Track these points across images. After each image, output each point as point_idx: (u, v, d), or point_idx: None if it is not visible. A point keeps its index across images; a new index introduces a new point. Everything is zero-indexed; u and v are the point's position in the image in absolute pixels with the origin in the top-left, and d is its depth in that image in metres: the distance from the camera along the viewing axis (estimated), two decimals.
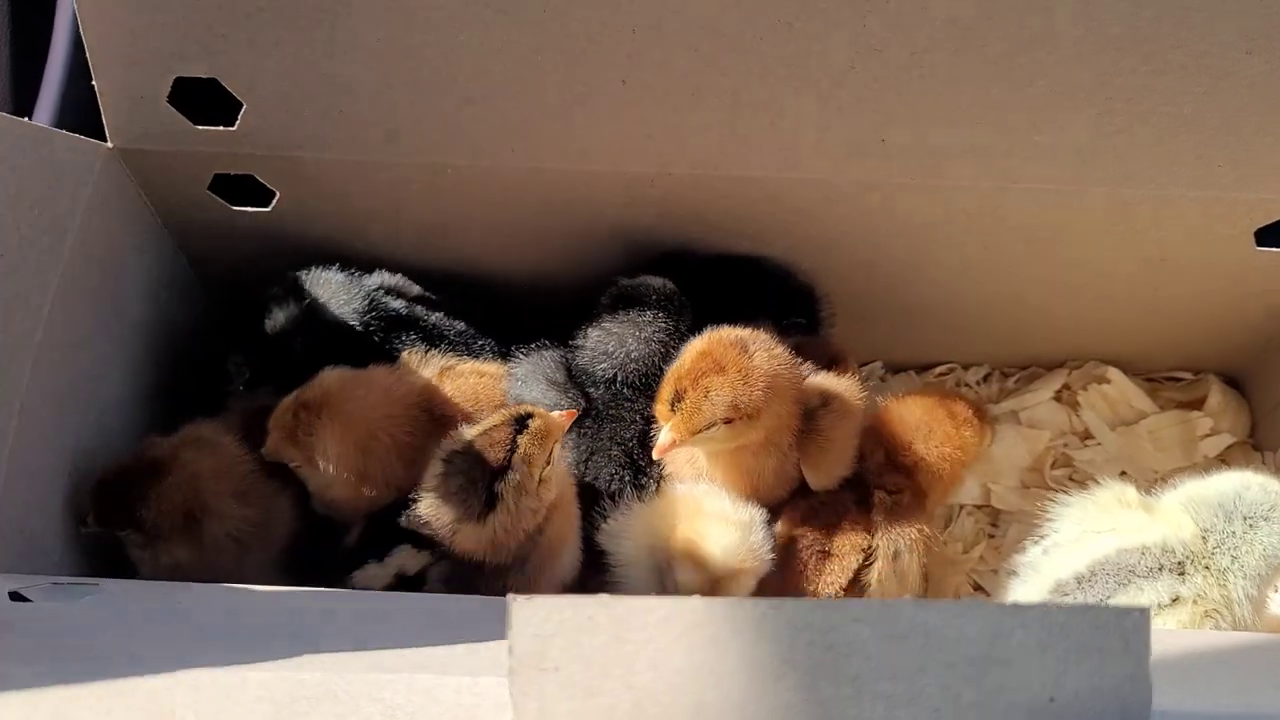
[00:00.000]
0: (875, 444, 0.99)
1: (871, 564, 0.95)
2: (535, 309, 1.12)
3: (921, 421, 0.99)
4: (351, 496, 0.94)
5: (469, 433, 0.88)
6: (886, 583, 0.95)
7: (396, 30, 0.87)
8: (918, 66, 0.88)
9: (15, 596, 0.73)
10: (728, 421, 0.88)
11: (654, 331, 0.98)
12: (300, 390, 0.94)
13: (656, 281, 1.01)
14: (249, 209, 1.04)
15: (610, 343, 0.99)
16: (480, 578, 0.90)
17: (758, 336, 0.91)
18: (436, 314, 1.05)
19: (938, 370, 1.24)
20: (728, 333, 0.91)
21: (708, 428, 0.89)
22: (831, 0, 0.84)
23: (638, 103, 0.92)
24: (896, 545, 0.95)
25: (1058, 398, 1.21)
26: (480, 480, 0.85)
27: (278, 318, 0.99)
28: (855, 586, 0.95)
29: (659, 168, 0.98)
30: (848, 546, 0.95)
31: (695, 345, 0.92)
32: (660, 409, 0.91)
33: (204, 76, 0.91)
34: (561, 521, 0.93)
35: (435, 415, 0.96)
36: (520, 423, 0.87)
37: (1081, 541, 0.92)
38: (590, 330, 1.00)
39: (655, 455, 0.91)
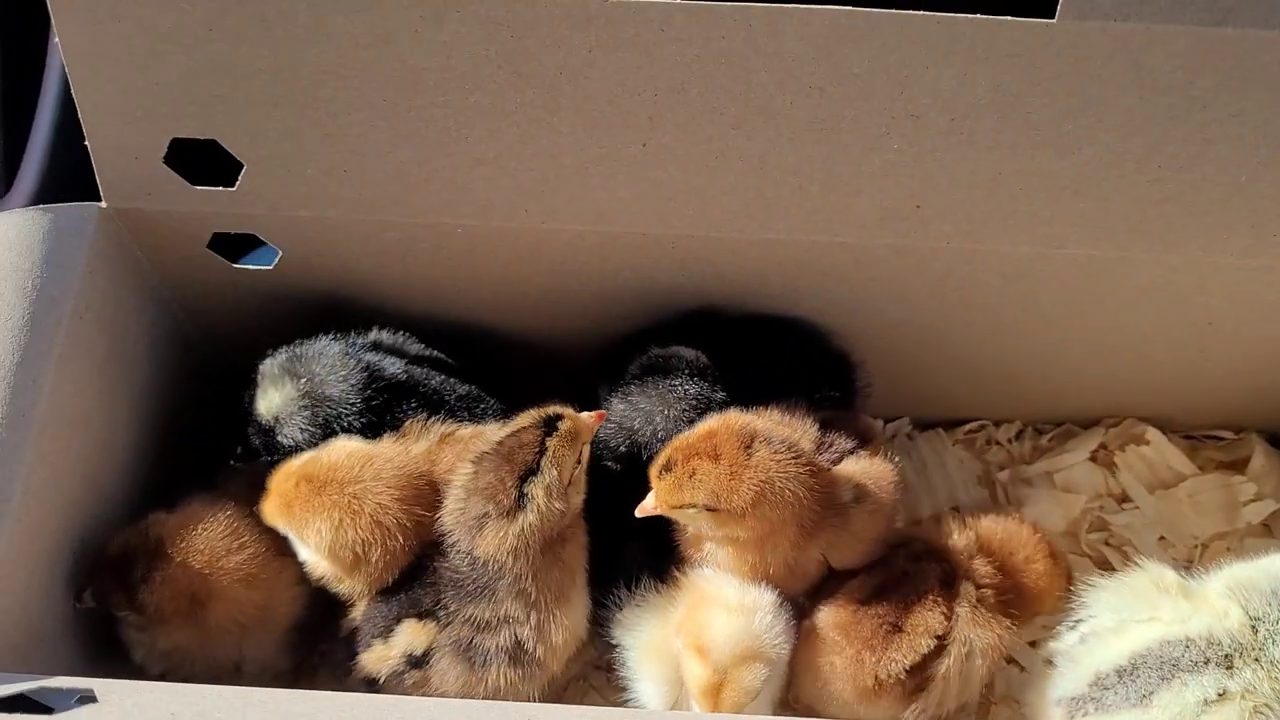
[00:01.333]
0: (973, 538, 0.96)
1: (944, 654, 0.90)
2: (547, 368, 1.07)
3: (1024, 541, 0.97)
4: (345, 577, 0.89)
5: (498, 434, 0.87)
6: (953, 681, 0.91)
7: (403, 91, 0.83)
8: (957, 133, 0.83)
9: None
10: (711, 510, 0.84)
11: (684, 409, 0.93)
12: (308, 461, 0.90)
13: (689, 353, 0.96)
14: (251, 267, 1.00)
15: (636, 418, 0.94)
16: (489, 634, 0.86)
17: (773, 434, 0.86)
18: (438, 376, 1.00)
19: (967, 428, 1.19)
20: (742, 422, 0.87)
21: (687, 507, 0.85)
22: (866, 67, 0.79)
23: (659, 165, 0.87)
24: (972, 644, 0.90)
25: (1093, 458, 1.16)
26: (510, 478, 0.84)
27: (273, 399, 0.94)
28: (920, 674, 0.90)
29: (680, 230, 0.93)
30: (922, 627, 0.90)
31: (710, 421, 0.88)
32: (651, 471, 0.88)
33: (201, 138, 0.86)
34: (575, 551, 0.90)
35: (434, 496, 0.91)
36: (549, 424, 0.86)
37: (1121, 631, 0.87)
38: (615, 402, 0.96)
39: (636, 514, 0.88)
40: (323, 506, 0.86)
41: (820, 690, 0.93)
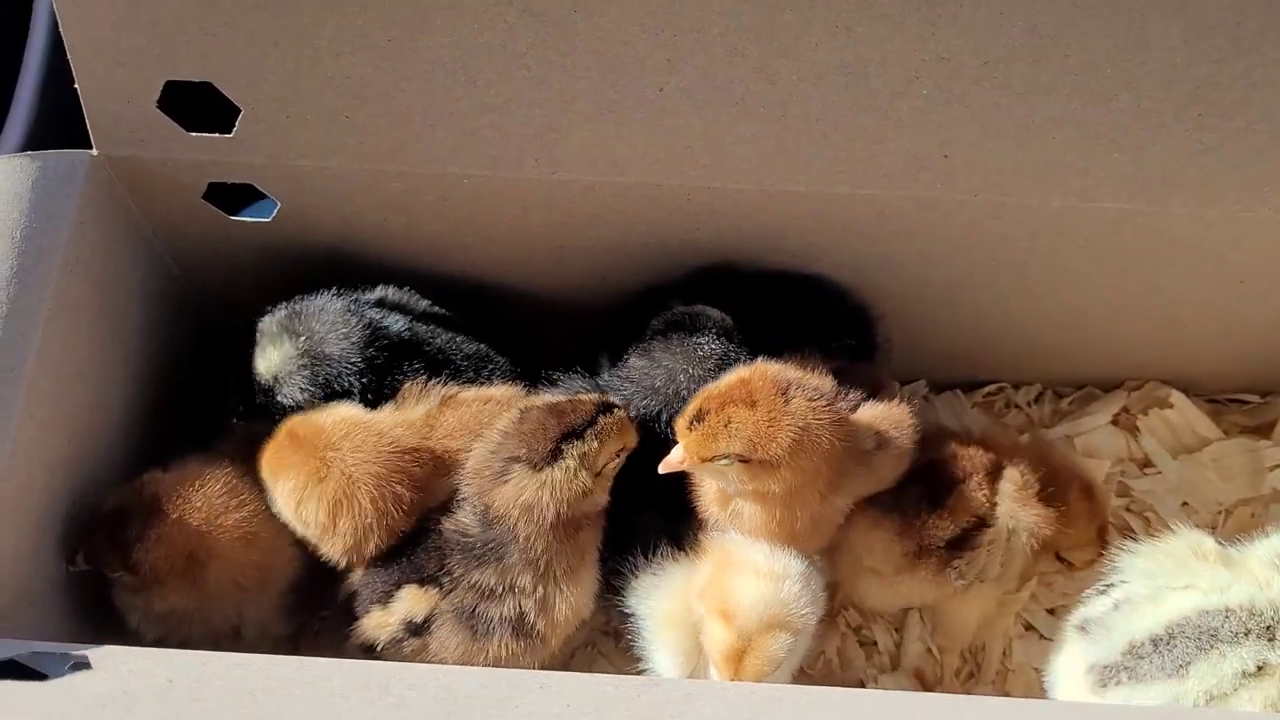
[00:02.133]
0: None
1: (985, 529, 0.91)
2: (555, 324, 1.04)
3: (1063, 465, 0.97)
4: (316, 542, 0.86)
5: (545, 398, 0.86)
6: (995, 553, 0.91)
7: (409, 30, 0.79)
8: (990, 78, 0.79)
9: None
10: (744, 461, 0.81)
11: (708, 370, 0.90)
12: (303, 418, 0.86)
13: (715, 313, 0.92)
14: (247, 219, 0.96)
15: (658, 376, 0.90)
16: (493, 602, 0.84)
17: (806, 382, 0.83)
18: (444, 334, 0.96)
19: (986, 390, 1.16)
20: (775, 370, 0.83)
21: (720, 458, 0.82)
22: (897, 4, 0.75)
23: (675, 112, 0.83)
24: (1018, 520, 0.91)
25: (1115, 421, 1.13)
26: (554, 430, 0.82)
27: (272, 358, 0.91)
28: (960, 548, 0.91)
29: (696, 181, 0.89)
30: (964, 503, 0.91)
31: (739, 371, 0.85)
32: (679, 424, 0.84)
33: (197, 80, 0.82)
34: (589, 535, 0.87)
35: (436, 461, 0.88)
36: (607, 407, 0.84)
37: (1156, 599, 0.84)
38: (634, 359, 0.92)
39: (660, 469, 0.85)
40: (293, 465, 0.84)
41: (858, 562, 0.93)
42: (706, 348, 0.91)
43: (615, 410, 0.84)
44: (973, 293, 1.02)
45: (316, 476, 0.83)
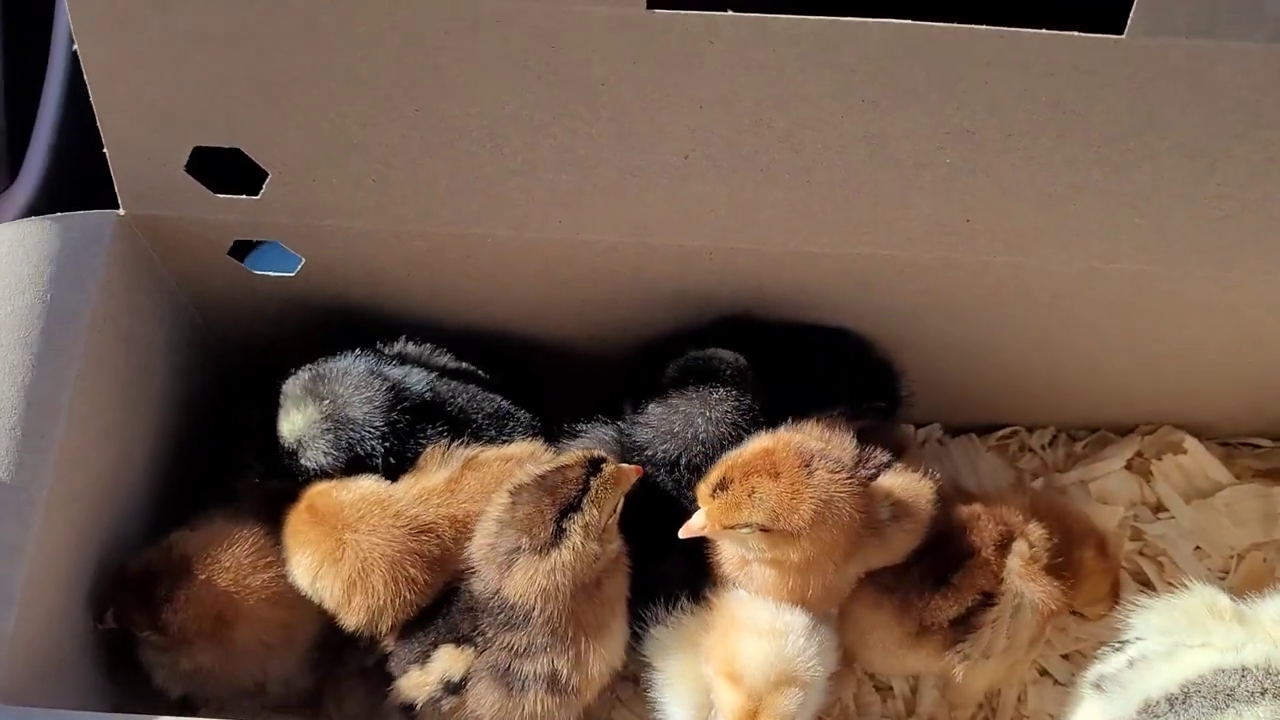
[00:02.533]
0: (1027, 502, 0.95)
1: (992, 606, 0.90)
2: (575, 377, 1.04)
3: (1076, 520, 0.96)
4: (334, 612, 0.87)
5: (538, 468, 0.85)
6: (999, 631, 0.91)
7: (436, 99, 0.79)
8: (1013, 149, 0.80)
9: None
10: (764, 530, 0.82)
11: (725, 411, 0.90)
12: (325, 490, 0.88)
13: (729, 355, 0.93)
14: (272, 274, 0.96)
15: (676, 420, 0.91)
16: (526, 660, 0.85)
17: (828, 453, 0.84)
18: (466, 392, 0.97)
19: (1000, 434, 1.16)
20: (799, 440, 0.84)
21: (741, 527, 0.83)
22: (923, 81, 0.76)
23: (700, 177, 0.84)
24: (1023, 598, 0.91)
25: (1129, 466, 1.13)
26: (550, 512, 0.81)
27: (295, 421, 0.91)
28: (965, 624, 0.90)
29: (719, 242, 0.90)
30: (970, 580, 0.90)
31: (763, 440, 0.86)
32: (702, 490, 0.85)
33: (226, 146, 0.83)
34: (615, 585, 0.87)
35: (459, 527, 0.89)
36: (594, 466, 0.84)
37: (1172, 657, 0.85)
38: (653, 406, 0.93)
39: (681, 534, 0.85)
40: (310, 541, 0.86)
41: (864, 635, 0.93)
42: (722, 390, 0.92)
43: (604, 465, 0.83)
44: (992, 344, 1.02)
45: (332, 556, 0.85)
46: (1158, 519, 1.11)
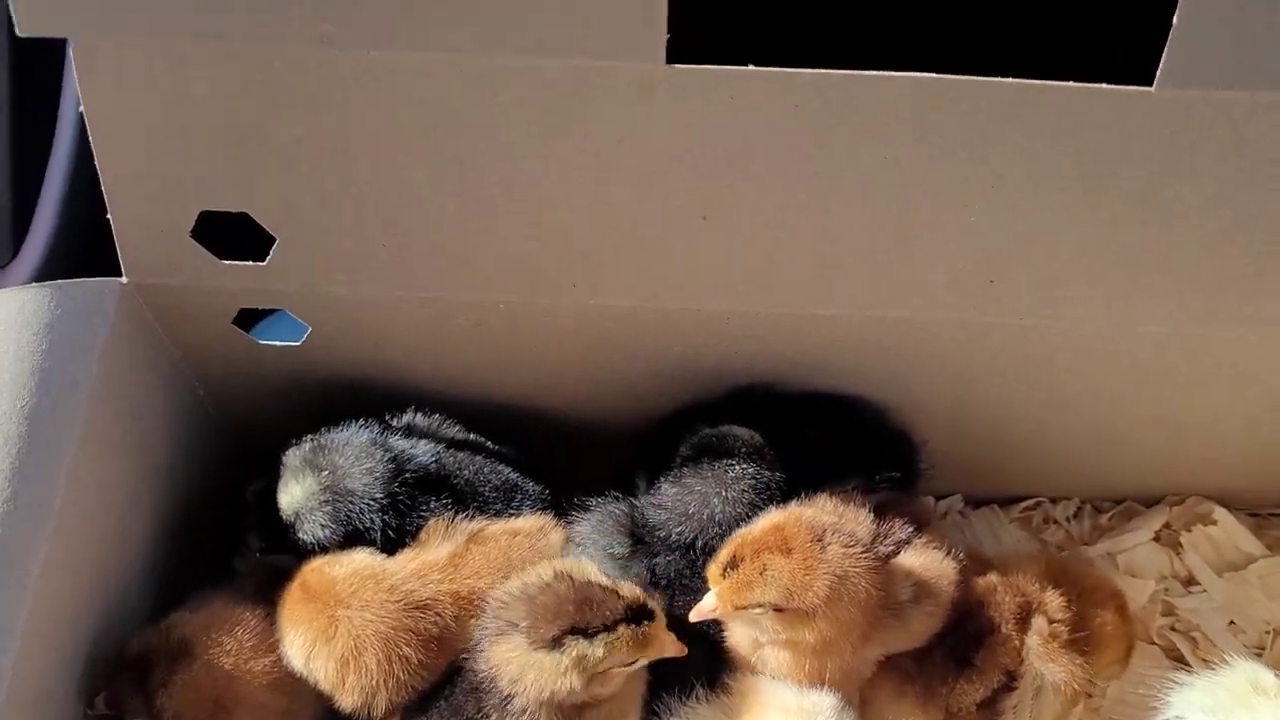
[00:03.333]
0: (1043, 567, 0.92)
1: (1014, 690, 0.87)
2: (589, 444, 1.02)
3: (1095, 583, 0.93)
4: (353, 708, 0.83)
5: (597, 574, 0.80)
6: (1022, 716, 0.88)
7: (450, 162, 0.78)
8: (1040, 205, 0.78)
9: None
10: (778, 610, 0.78)
11: (741, 491, 0.87)
12: (318, 566, 0.84)
13: (744, 432, 0.90)
14: (277, 344, 0.94)
15: (691, 502, 0.88)
16: None
17: (842, 527, 0.81)
18: (473, 464, 0.94)
19: (1023, 505, 1.13)
20: (810, 515, 0.81)
21: (754, 607, 0.79)
22: (947, 136, 0.74)
23: (719, 238, 0.82)
24: (1043, 679, 0.87)
25: (1157, 538, 1.10)
26: (564, 619, 0.76)
27: (294, 493, 0.88)
28: (990, 708, 0.87)
29: (736, 305, 0.88)
30: (993, 662, 0.87)
31: (772, 516, 0.83)
32: (712, 570, 0.81)
33: (233, 211, 0.81)
34: (630, 690, 0.83)
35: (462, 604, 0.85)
36: (636, 613, 0.78)
37: None
38: (666, 486, 0.89)
39: (691, 618, 0.82)
40: (303, 619, 0.82)
41: None
42: (737, 469, 0.89)
43: (646, 623, 0.78)
44: (1011, 411, 1.00)
45: (325, 635, 0.81)
46: (1189, 593, 1.08)
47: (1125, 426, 1.01)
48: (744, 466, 0.88)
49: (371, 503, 0.88)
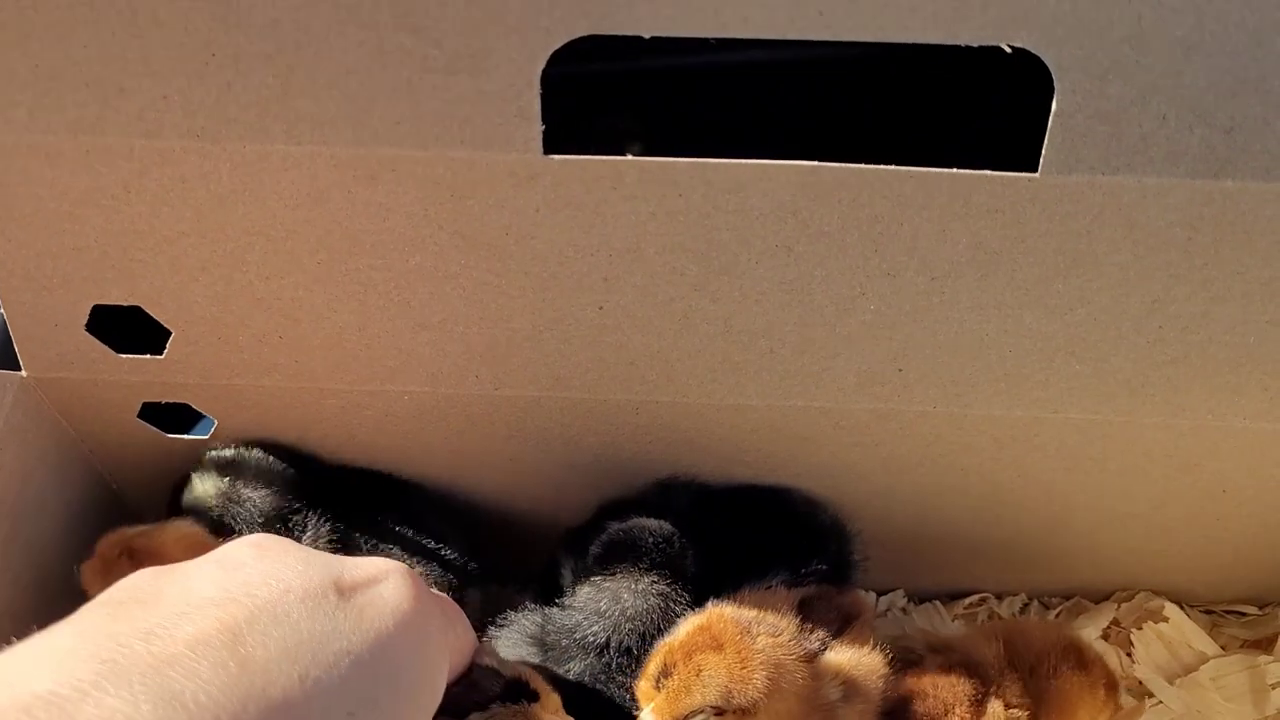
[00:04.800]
0: (1000, 648, 0.88)
1: None
2: (511, 535, 0.99)
3: (1051, 645, 0.88)
4: None
5: (491, 658, 0.75)
6: None
7: (338, 253, 0.77)
8: (938, 292, 0.76)
9: None
10: (719, 713, 0.74)
11: (651, 582, 0.84)
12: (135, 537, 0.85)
13: (652, 524, 0.87)
14: (185, 436, 0.92)
15: (603, 599, 0.84)
16: None
17: (762, 619, 0.78)
18: (381, 545, 0.92)
19: (967, 601, 1.09)
20: (731, 611, 0.78)
21: (695, 714, 0.75)
22: (837, 224, 0.73)
23: (617, 329, 0.81)
24: None
25: (1106, 636, 1.06)
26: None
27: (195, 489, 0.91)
28: None
29: (643, 395, 0.86)
30: None
31: (693, 619, 0.79)
32: (643, 685, 0.77)
33: (125, 305, 0.80)
34: None
35: None
36: (515, 693, 0.73)
37: None
38: (579, 587, 0.87)
39: None
40: None
41: None
42: (647, 560, 0.86)
43: (525, 701, 0.73)
44: (942, 501, 0.97)
45: None
46: (1143, 704, 1.03)
47: (1062, 519, 0.98)
48: (654, 556, 0.86)
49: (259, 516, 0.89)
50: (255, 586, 0.54)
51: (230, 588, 0.54)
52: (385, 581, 0.62)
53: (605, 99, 0.92)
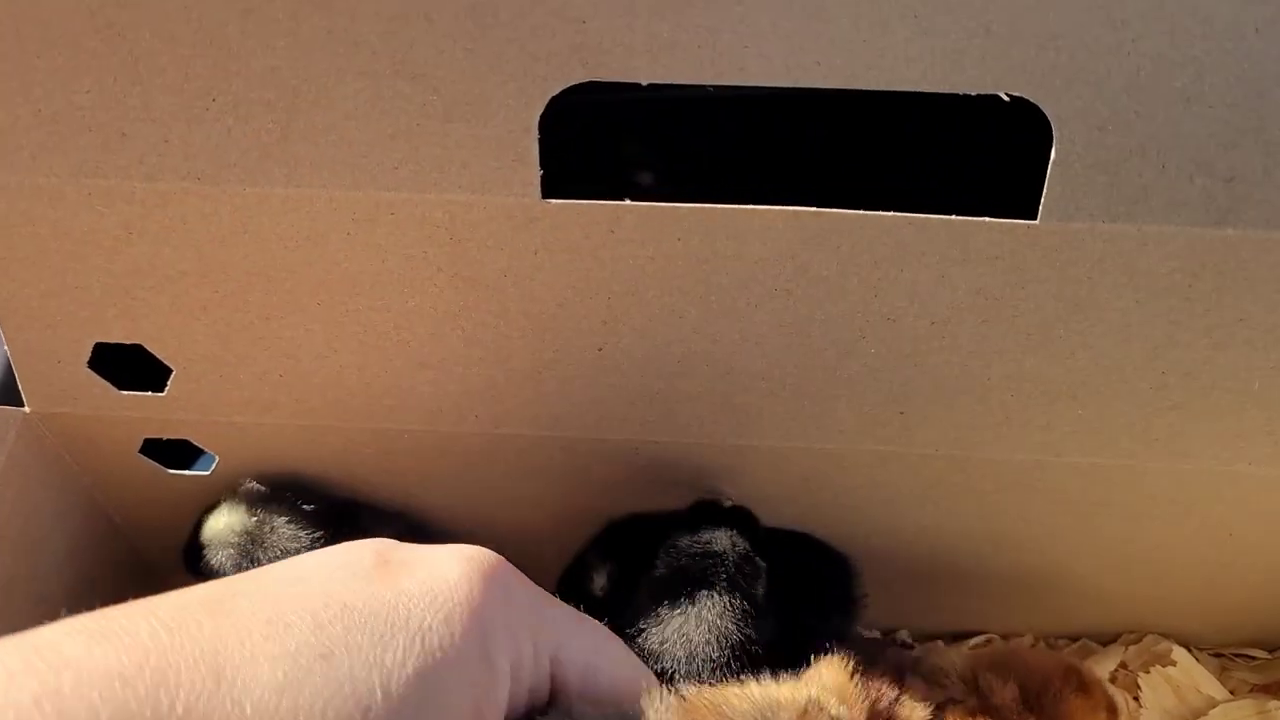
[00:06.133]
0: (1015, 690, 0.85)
1: None
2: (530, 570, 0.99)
3: (1054, 675, 0.86)
4: None
5: None
6: None
7: (338, 294, 0.77)
8: (938, 337, 0.76)
9: None
10: None
11: (729, 612, 0.79)
12: None
13: (726, 540, 0.82)
14: (185, 472, 0.93)
15: (680, 636, 0.79)
16: None
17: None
18: None
19: (973, 642, 1.08)
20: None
21: None
22: (836, 268, 0.73)
23: (617, 370, 0.81)
24: None
25: (1113, 679, 1.05)
26: None
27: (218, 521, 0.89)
28: None
29: (643, 435, 0.85)
30: None
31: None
32: None
33: (127, 342, 0.81)
34: None
35: None
36: None
37: None
38: (645, 624, 0.80)
39: None
40: None
41: None
42: (725, 581, 0.81)
43: None
44: (946, 542, 0.96)
45: None
46: None
47: (1066, 561, 0.97)
48: (732, 582, 0.80)
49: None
50: None
51: None
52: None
53: (612, 126, 0.92)
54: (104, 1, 0.65)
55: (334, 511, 0.92)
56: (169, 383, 0.83)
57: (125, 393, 0.85)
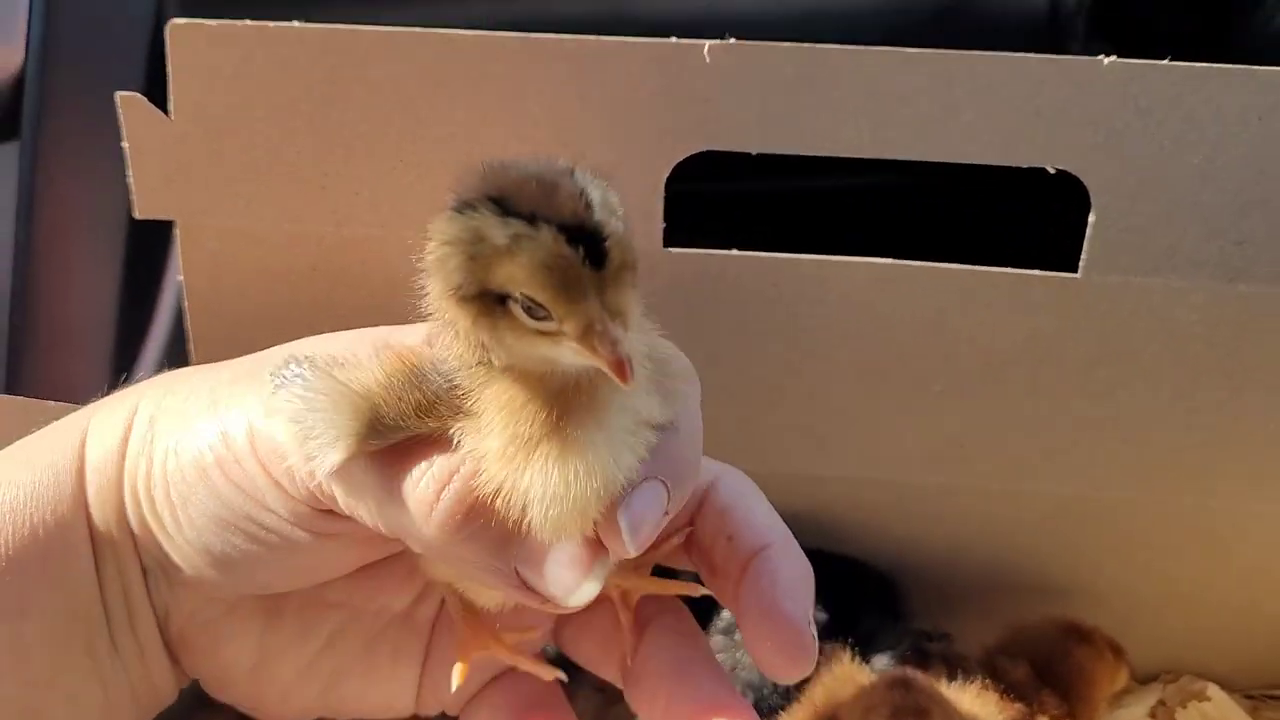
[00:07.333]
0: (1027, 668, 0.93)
1: None
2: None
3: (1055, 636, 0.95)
4: None
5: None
6: None
7: None
8: (994, 378, 0.89)
9: None
10: None
11: None
12: None
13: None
14: None
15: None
16: None
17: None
18: None
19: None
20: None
21: None
22: (905, 314, 0.86)
23: (714, 401, 0.93)
24: None
25: (1153, 715, 1.13)
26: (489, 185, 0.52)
27: None
28: None
29: (731, 461, 0.98)
30: None
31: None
32: None
33: None
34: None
35: None
36: (581, 235, 0.50)
37: None
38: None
39: None
40: None
41: None
42: None
43: (589, 265, 0.50)
44: (993, 571, 1.07)
45: None
46: None
47: (1107, 594, 1.07)
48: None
49: None
50: None
51: None
52: None
53: (711, 216, 1.06)
54: (319, 78, 0.81)
55: None
56: None
57: None
